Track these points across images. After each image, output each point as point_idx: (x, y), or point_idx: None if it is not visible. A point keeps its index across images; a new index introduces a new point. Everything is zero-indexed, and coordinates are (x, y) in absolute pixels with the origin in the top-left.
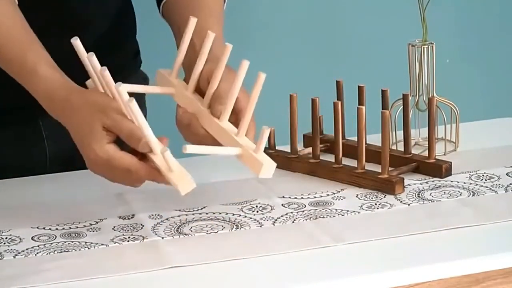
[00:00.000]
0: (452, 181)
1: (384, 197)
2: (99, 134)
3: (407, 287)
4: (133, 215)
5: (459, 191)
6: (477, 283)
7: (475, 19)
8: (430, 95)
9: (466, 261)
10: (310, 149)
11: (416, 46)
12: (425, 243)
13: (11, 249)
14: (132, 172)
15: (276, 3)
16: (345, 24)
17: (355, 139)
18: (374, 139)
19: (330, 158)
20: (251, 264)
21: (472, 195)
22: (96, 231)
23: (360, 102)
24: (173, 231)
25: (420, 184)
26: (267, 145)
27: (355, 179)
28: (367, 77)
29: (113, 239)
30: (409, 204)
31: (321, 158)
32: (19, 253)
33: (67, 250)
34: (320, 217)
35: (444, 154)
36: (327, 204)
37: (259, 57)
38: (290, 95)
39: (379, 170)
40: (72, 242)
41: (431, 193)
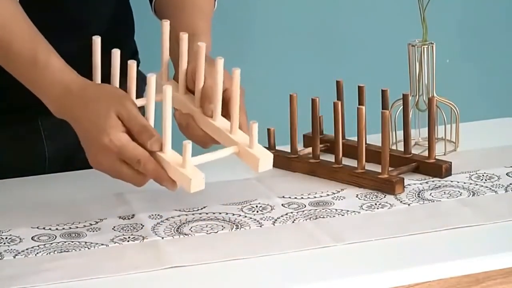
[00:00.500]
0: (452, 181)
1: (384, 197)
2: (115, 121)
3: (407, 287)
4: (133, 215)
5: (459, 191)
6: (477, 283)
7: (475, 19)
8: (430, 95)
9: (466, 261)
10: (310, 149)
11: (416, 46)
12: (425, 243)
13: (11, 249)
14: (141, 164)
15: (276, 3)
16: (345, 24)
17: (355, 139)
18: (374, 139)
19: (330, 158)
20: (251, 264)
21: (472, 195)
22: (96, 231)
23: (360, 102)
24: (173, 231)
25: (420, 184)
26: (268, 145)
27: (355, 179)
28: (367, 77)
29: (113, 239)
30: (409, 204)
31: (321, 158)
32: (19, 253)
33: (67, 250)
34: (320, 217)
35: (444, 154)
36: (327, 204)
37: (259, 57)
38: (290, 95)
39: (379, 170)
40: (72, 242)
41: (431, 193)
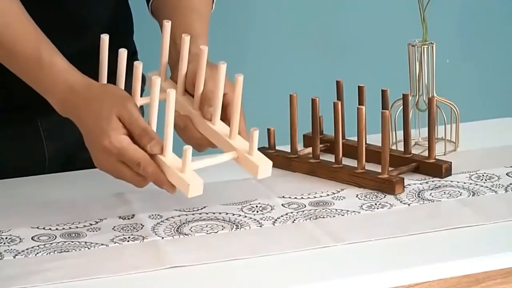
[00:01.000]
0: (452, 181)
1: (384, 197)
2: (116, 124)
3: (407, 287)
4: (133, 215)
5: (459, 191)
6: (477, 283)
7: (475, 19)
8: (430, 95)
9: (466, 261)
10: (310, 149)
11: (416, 46)
12: (425, 243)
13: (11, 249)
14: (141, 167)
15: (276, 3)
16: (345, 24)
17: (355, 139)
18: (374, 139)
19: (330, 158)
20: (251, 264)
21: (472, 195)
22: (96, 231)
23: (360, 102)
24: (173, 231)
25: (420, 184)
26: (268, 145)
27: (355, 179)
28: (367, 77)
29: (113, 239)
30: (409, 204)
31: (321, 158)
32: (19, 253)
33: (67, 250)
34: (320, 217)
35: (444, 154)
36: (327, 204)
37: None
38: (290, 95)
39: (379, 170)
40: (72, 242)
41: (431, 193)
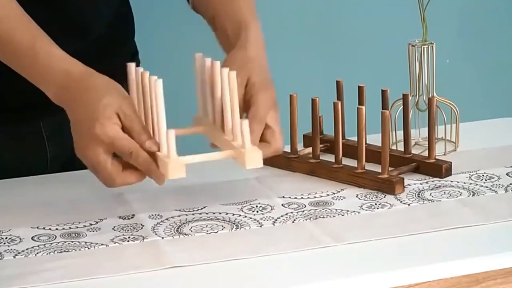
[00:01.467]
0: (452, 181)
1: (384, 197)
2: (110, 113)
3: (407, 287)
4: (133, 215)
5: (459, 191)
6: (477, 283)
7: (475, 19)
8: (430, 95)
9: (466, 261)
10: (310, 149)
11: (416, 46)
12: (425, 243)
13: (11, 249)
14: (132, 156)
15: (276, 3)
16: (345, 24)
17: (355, 139)
18: (374, 139)
19: (330, 158)
20: (251, 264)
21: (472, 195)
22: (96, 231)
23: (360, 102)
24: (173, 231)
25: (420, 184)
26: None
27: (355, 179)
28: (367, 77)
29: (113, 239)
30: (409, 204)
31: (321, 158)
32: (19, 253)
33: (67, 250)
34: (320, 217)
35: (444, 154)
36: (327, 204)
37: None
38: (290, 95)
39: (379, 170)
40: (72, 242)
41: (431, 193)
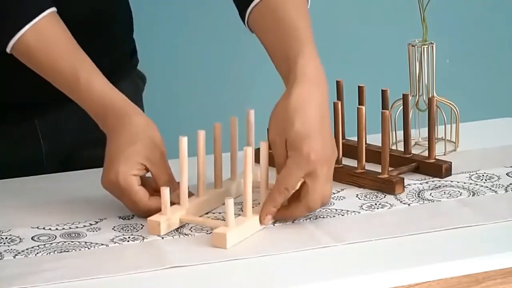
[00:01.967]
0: (452, 181)
1: (384, 197)
2: (134, 163)
3: (407, 287)
4: (133, 215)
5: (459, 191)
6: (477, 283)
7: (475, 19)
8: (430, 95)
9: (466, 261)
10: None
11: (416, 46)
12: (425, 243)
13: (11, 249)
14: (140, 209)
15: None
16: (345, 24)
17: (355, 139)
18: (374, 139)
19: None
20: (251, 264)
21: (472, 195)
22: (96, 231)
23: (360, 102)
24: (173, 231)
25: (420, 184)
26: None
27: (355, 179)
28: (367, 77)
29: (113, 239)
30: (409, 204)
31: None
32: (19, 253)
33: (67, 250)
34: (320, 217)
35: (444, 154)
36: (327, 204)
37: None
38: None
39: (379, 170)
40: (72, 242)
41: (431, 193)
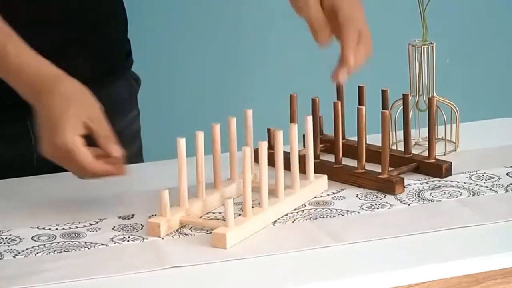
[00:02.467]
0: (452, 181)
1: (384, 197)
2: (78, 123)
3: (407, 287)
4: (133, 215)
5: (459, 191)
6: (477, 283)
7: (475, 19)
8: (430, 95)
9: (466, 261)
10: None
11: (416, 46)
12: (425, 243)
13: (11, 249)
14: (87, 171)
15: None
16: None
17: (355, 139)
18: (374, 139)
19: (330, 158)
20: (251, 264)
21: (472, 195)
22: (96, 231)
23: (360, 102)
24: (173, 231)
25: (420, 184)
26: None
27: (355, 179)
28: (367, 77)
29: (113, 239)
30: (409, 204)
31: (321, 158)
32: (19, 253)
33: (67, 250)
34: (320, 217)
35: (444, 154)
36: (327, 204)
37: (260, 57)
38: (290, 95)
39: (379, 170)
40: (72, 242)
41: (431, 193)
